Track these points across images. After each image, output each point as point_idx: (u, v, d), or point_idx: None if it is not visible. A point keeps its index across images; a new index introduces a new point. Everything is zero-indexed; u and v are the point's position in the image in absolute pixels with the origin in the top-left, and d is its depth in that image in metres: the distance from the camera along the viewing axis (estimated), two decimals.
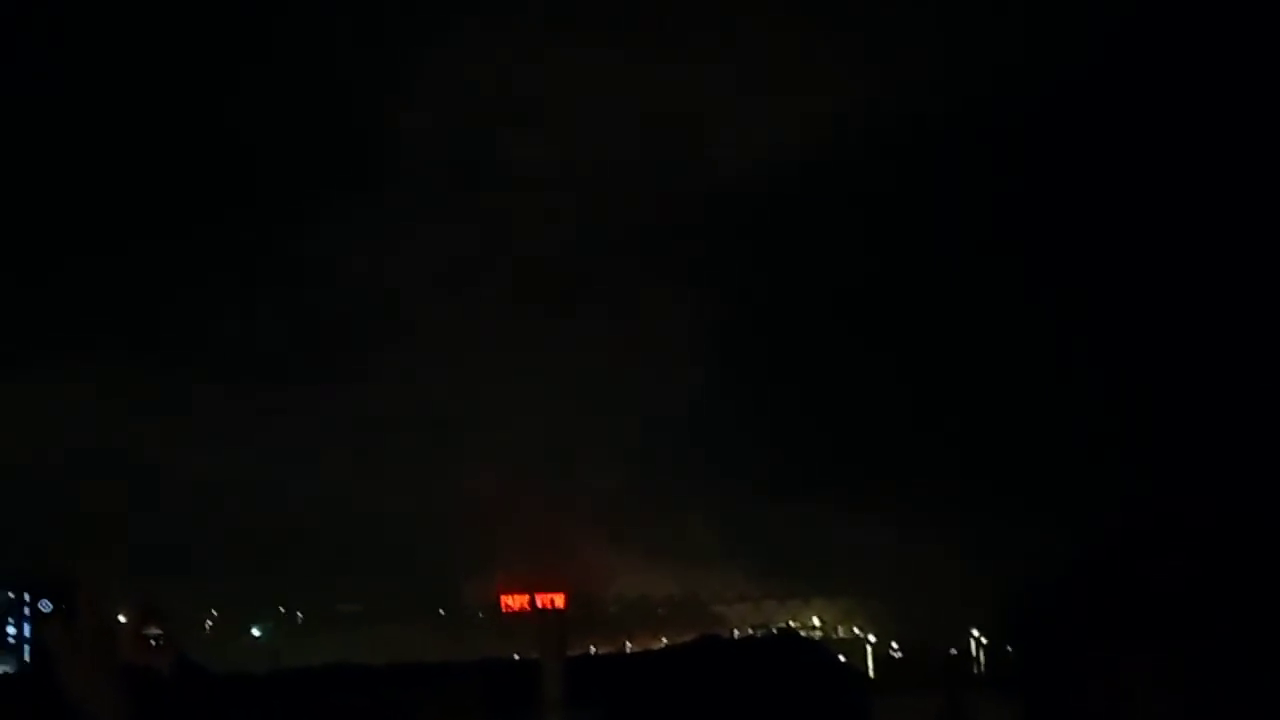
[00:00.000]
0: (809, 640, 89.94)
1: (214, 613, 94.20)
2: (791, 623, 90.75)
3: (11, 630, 79.36)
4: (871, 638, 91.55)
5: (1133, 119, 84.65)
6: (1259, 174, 78.18)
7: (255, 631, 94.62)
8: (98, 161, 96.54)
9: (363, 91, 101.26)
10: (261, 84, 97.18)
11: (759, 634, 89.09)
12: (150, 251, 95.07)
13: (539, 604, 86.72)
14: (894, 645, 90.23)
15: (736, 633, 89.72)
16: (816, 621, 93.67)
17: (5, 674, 50.13)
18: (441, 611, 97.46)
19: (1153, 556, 3.73)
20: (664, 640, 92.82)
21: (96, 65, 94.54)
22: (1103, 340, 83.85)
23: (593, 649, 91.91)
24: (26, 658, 70.88)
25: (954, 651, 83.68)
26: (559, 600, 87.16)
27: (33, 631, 75.82)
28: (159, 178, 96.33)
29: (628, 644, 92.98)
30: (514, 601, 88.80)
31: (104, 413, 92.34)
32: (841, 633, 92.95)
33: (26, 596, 77.51)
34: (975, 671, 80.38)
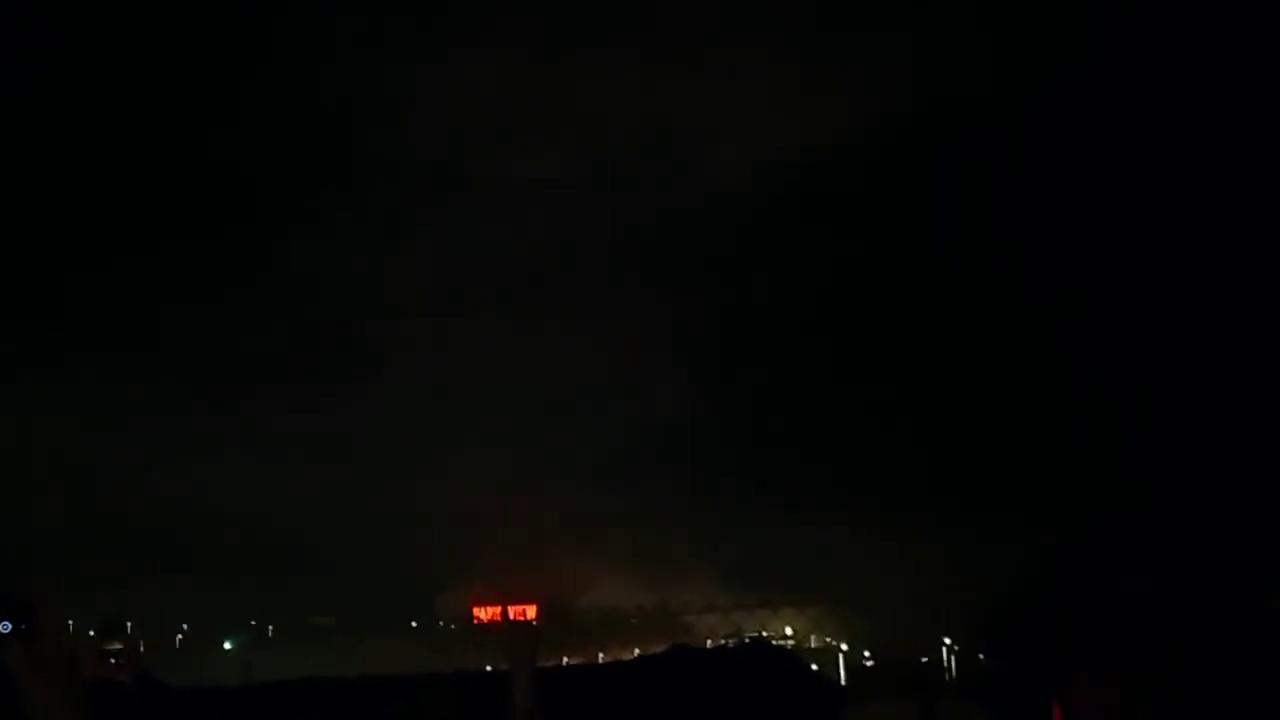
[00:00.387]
0: (781, 649, 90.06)
1: (184, 626, 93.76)
2: (763, 632, 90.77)
3: None
4: (844, 646, 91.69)
5: (1126, 125, 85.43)
6: (1252, 186, 79.06)
7: (226, 644, 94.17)
8: (86, 174, 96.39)
9: (353, 102, 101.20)
10: (251, 95, 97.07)
11: (730, 643, 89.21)
12: (132, 264, 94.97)
13: (511, 615, 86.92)
14: (866, 654, 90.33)
15: (709, 643, 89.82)
16: (789, 630, 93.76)
17: None
18: (414, 623, 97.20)
19: (1111, 573, 3.82)
20: (636, 651, 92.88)
21: (89, 78, 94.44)
22: (1077, 351, 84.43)
23: (565, 660, 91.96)
24: None
25: (925, 660, 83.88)
26: (531, 611, 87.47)
27: None
28: (149, 191, 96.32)
29: (600, 655, 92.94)
30: (485, 613, 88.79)
31: (72, 429, 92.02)
32: (814, 642, 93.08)
33: None
34: (947, 680, 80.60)
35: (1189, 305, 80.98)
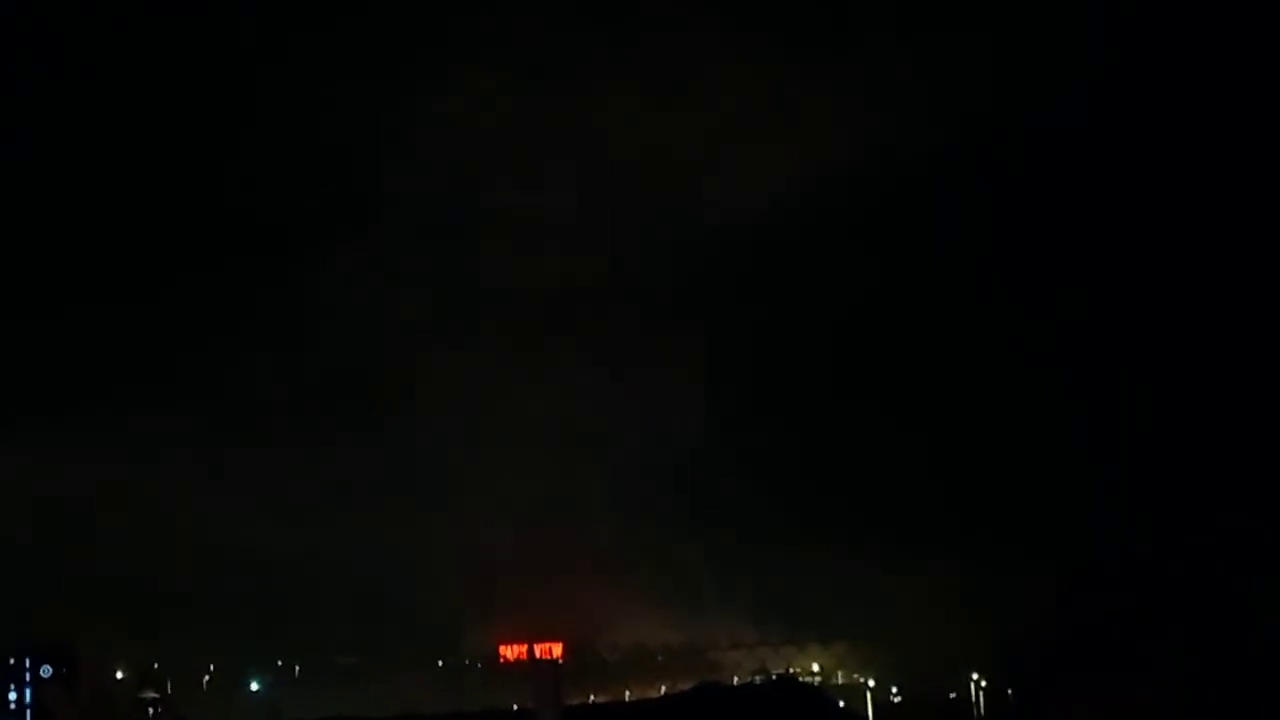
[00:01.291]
0: (808, 686, 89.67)
1: (211, 666, 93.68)
2: (791, 669, 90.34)
3: (13, 695, 79.09)
4: (870, 682, 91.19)
5: (1111, 167, 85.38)
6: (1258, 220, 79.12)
7: (254, 685, 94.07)
8: (103, 219, 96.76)
9: (360, 143, 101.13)
10: (257, 144, 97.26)
11: (758, 680, 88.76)
12: (146, 314, 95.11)
13: (537, 653, 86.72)
14: (894, 690, 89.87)
15: (736, 680, 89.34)
16: (816, 667, 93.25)
17: None
18: (440, 662, 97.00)
19: (1105, 607, 4.11)
20: (662, 688, 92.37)
21: (103, 124, 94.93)
22: (1090, 388, 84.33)
23: (592, 698, 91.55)
24: None
25: (954, 696, 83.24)
26: (556, 649, 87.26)
27: (33, 696, 75.60)
28: (157, 239, 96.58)
29: (626, 693, 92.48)
30: (511, 651, 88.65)
31: (100, 473, 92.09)
32: (840, 678, 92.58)
33: (27, 662, 77.20)
34: (976, 716, 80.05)
35: (1195, 332, 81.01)
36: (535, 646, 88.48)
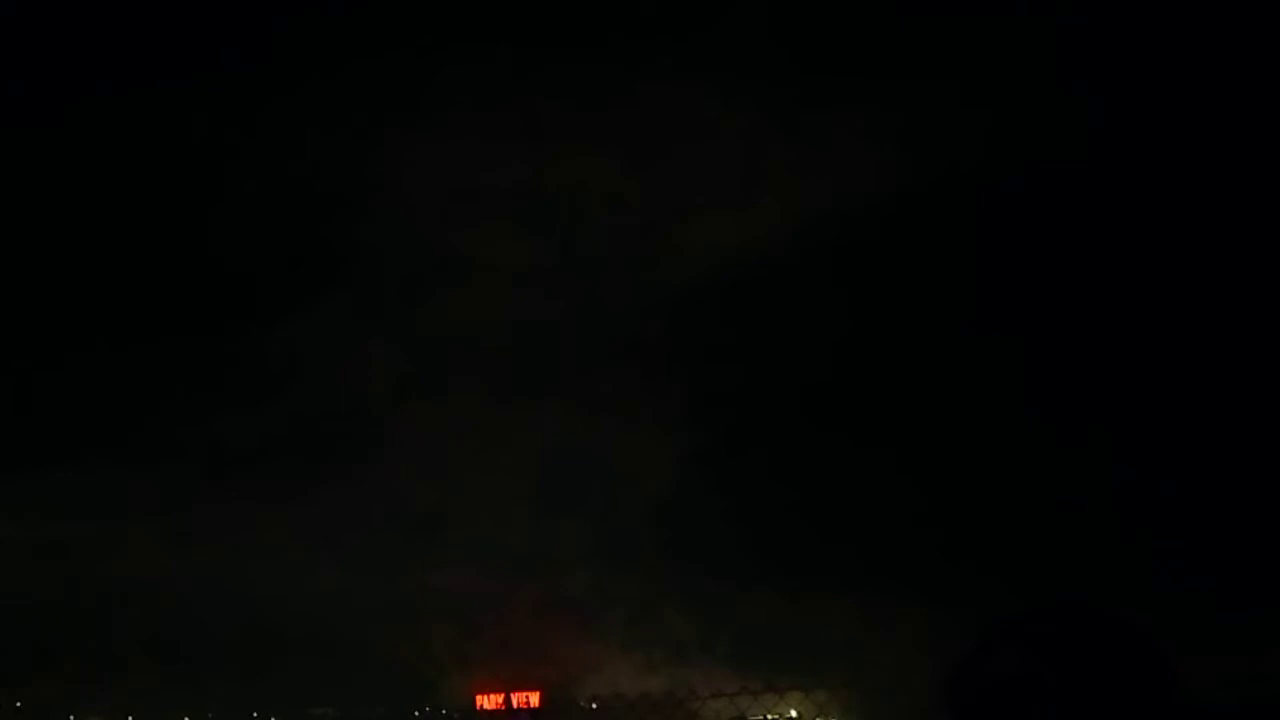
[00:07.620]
0: None
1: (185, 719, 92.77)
2: (768, 717, 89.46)
3: None
4: None
5: (1092, 209, 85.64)
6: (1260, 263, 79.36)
7: None
8: (60, 274, 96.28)
9: (334, 190, 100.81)
10: (226, 199, 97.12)
11: None
12: (114, 360, 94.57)
13: (514, 703, 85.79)
14: None
15: None
16: (794, 714, 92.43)
17: None
18: (416, 713, 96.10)
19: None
20: None
21: (78, 172, 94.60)
22: (1087, 435, 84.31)
23: None
24: None
25: None
26: (534, 699, 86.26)
27: None
28: (123, 287, 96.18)
29: None
30: (488, 700, 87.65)
31: (69, 526, 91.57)
32: None
33: None
34: None
35: (1181, 376, 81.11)
36: (512, 696, 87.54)
